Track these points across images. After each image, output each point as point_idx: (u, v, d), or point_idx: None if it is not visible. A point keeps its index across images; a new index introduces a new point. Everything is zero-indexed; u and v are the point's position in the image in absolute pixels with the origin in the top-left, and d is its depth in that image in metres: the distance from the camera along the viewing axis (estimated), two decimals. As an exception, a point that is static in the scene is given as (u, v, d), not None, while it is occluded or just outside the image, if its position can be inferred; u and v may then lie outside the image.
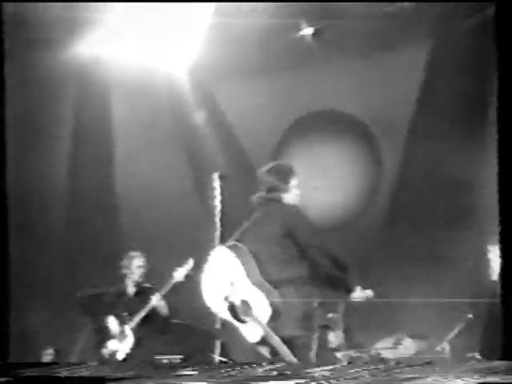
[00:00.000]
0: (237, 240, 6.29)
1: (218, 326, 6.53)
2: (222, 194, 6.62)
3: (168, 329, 8.31)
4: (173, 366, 7.80)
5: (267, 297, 6.03)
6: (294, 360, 6.05)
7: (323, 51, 8.89)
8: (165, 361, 7.93)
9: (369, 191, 9.71)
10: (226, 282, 6.12)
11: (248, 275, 6.08)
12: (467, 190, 8.76)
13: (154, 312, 8.18)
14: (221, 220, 6.55)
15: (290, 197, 6.36)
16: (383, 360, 7.31)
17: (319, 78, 9.41)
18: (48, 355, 8.48)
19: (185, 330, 8.42)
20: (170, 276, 8.14)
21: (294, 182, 6.38)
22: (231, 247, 6.23)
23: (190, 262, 8.08)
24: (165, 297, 8.17)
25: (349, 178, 9.66)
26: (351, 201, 9.65)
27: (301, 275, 6.18)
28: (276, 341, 6.05)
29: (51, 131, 9.23)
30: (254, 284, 6.06)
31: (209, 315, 6.51)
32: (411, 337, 7.55)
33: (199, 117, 9.81)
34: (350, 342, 7.48)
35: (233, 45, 8.66)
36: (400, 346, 7.47)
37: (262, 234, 6.22)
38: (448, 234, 8.63)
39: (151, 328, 8.21)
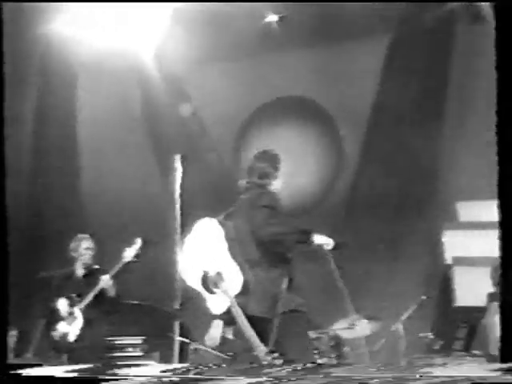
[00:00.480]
0: (223, 219, 6.37)
1: (176, 306, 6.54)
2: (183, 175, 6.62)
3: (117, 310, 8.23)
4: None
5: (242, 273, 6.12)
6: (255, 338, 6.11)
7: (290, 39, 8.99)
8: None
9: (330, 178, 9.86)
10: (206, 252, 6.21)
11: (228, 250, 6.19)
12: (426, 176, 9.02)
13: (103, 293, 8.10)
14: (181, 201, 6.56)
15: (278, 183, 6.47)
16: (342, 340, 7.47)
17: (285, 64, 9.52)
18: (12, 337, 8.37)
19: (143, 311, 8.38)
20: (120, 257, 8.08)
21: (282, 169, 6.50)
22: (218, 222, 6.32)
23: (139, 242, 8.03)
24: (114, 277, 8.08)
25: (311, 163, 9.80)
26: (312, 187, 9.78)
27: (273, 258, 6.27)
28: (240, 317, 6.11)
29: (14, 111, 9.01)
30: (231, 259, 6.16)
31: (168, 296, 6.52)
32: (366, 318, 7.71)
33: (166, 101, 9.77)
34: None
35: (200, 30, 8.67)
36: (356, 327, 7.62)
37: (246, 216, 6.30)
38: (406, 218, 8.87)
39: (100, 309, 8.13)
